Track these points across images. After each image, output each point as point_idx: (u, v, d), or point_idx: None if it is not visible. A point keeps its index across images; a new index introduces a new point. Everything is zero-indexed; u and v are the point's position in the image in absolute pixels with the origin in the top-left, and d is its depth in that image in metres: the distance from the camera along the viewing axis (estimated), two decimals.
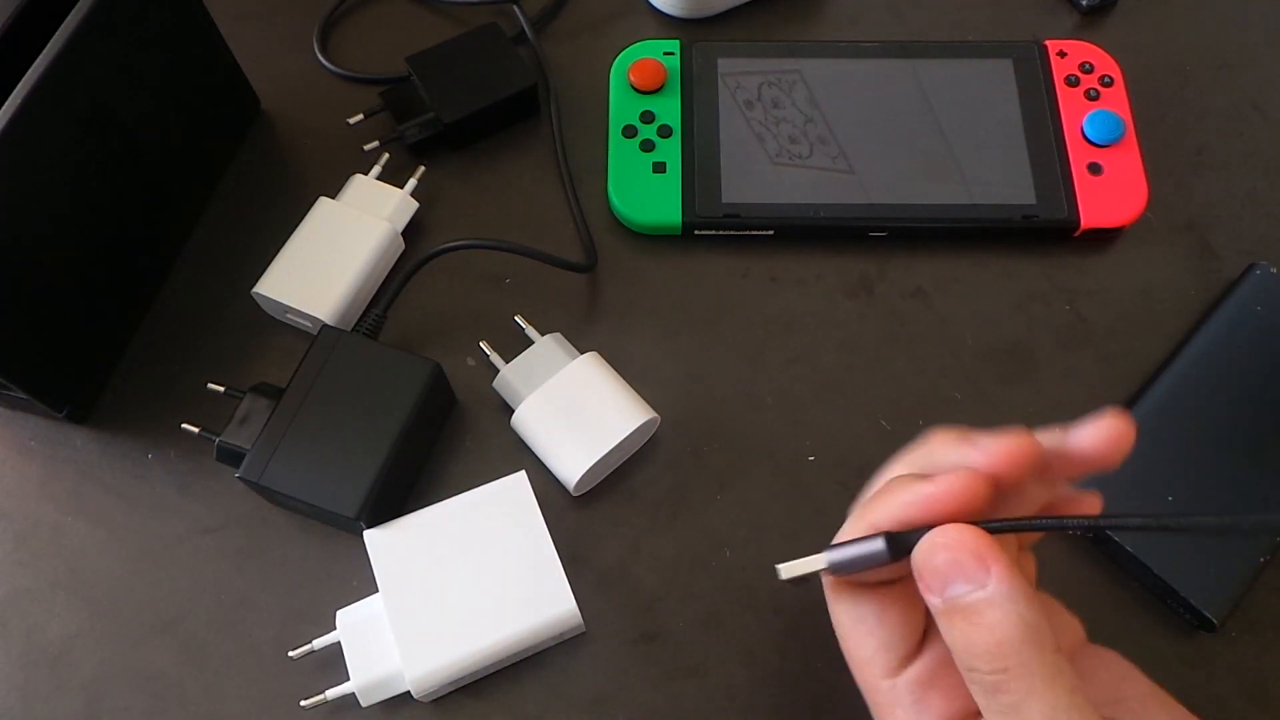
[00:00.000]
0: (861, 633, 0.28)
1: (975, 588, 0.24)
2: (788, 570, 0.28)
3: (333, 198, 0.43)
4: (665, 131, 0.45)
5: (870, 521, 0.27)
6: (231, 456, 0.38)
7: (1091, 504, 0.29)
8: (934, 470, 0.27)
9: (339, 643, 0.35)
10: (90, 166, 0.38)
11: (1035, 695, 0.23)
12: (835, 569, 0.27)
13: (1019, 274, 0.44)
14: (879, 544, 0.26)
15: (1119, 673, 0.29)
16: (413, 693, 0.35)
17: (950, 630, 0.25)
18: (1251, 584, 0.36)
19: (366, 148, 0.45)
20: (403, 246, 0.43)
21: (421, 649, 0.34)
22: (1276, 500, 0.37)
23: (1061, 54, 0.46)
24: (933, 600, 0.25)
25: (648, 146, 0.45)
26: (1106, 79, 0.46)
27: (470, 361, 0.42)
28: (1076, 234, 0.44)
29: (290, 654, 0.36)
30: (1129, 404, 0.40)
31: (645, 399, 0.39)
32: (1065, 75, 0.46)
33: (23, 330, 0.37)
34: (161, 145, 0.42)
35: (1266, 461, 0.38)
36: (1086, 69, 0.46)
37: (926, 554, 0.25)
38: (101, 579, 0.38)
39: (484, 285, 0.44)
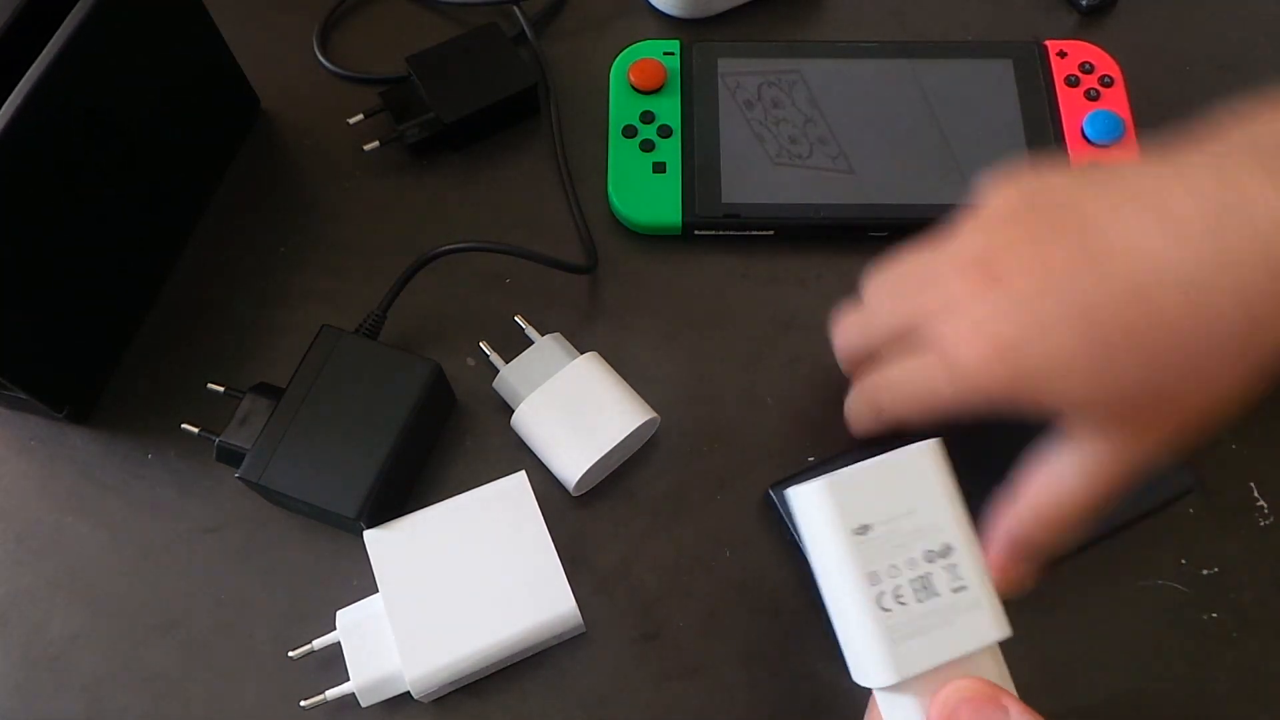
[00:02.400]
0: None
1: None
2: None
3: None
4: (665, 131, 0.45)
5: None
6: (231, 456, 0.38)
7: None
8: None
9: (339, 643, 0.35)
10: (90, 167, 0.38)
11: None
12: None
13: None
14: None
15: None
16: (413, 693, 0.35)
17: None
18: None
19: (366, 148, 0.45)
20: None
21: (421, 649, 0.34)
22: None
23: (1061, 54, 0.46)
24: None
25: (648, 146, 0.45)
26: (1106, 79, 0.46)
27: (470, 361, 0.42)
28: None
29: (290, 654, 0.36)
30: None
31: (645, 399, 0.39)
32: (1065, 75, 0.46)
33: (23, 330, 0.37)
34: (161, 145, 0.42)
35: None
36: (1086, 69, 0.46)
37: (948, 700, 0.27)
38: (101, 579, 0.38)
39: (484, 285, 0.44)
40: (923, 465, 0.28)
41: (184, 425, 0.39)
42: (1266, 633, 0.37)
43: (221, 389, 0.39)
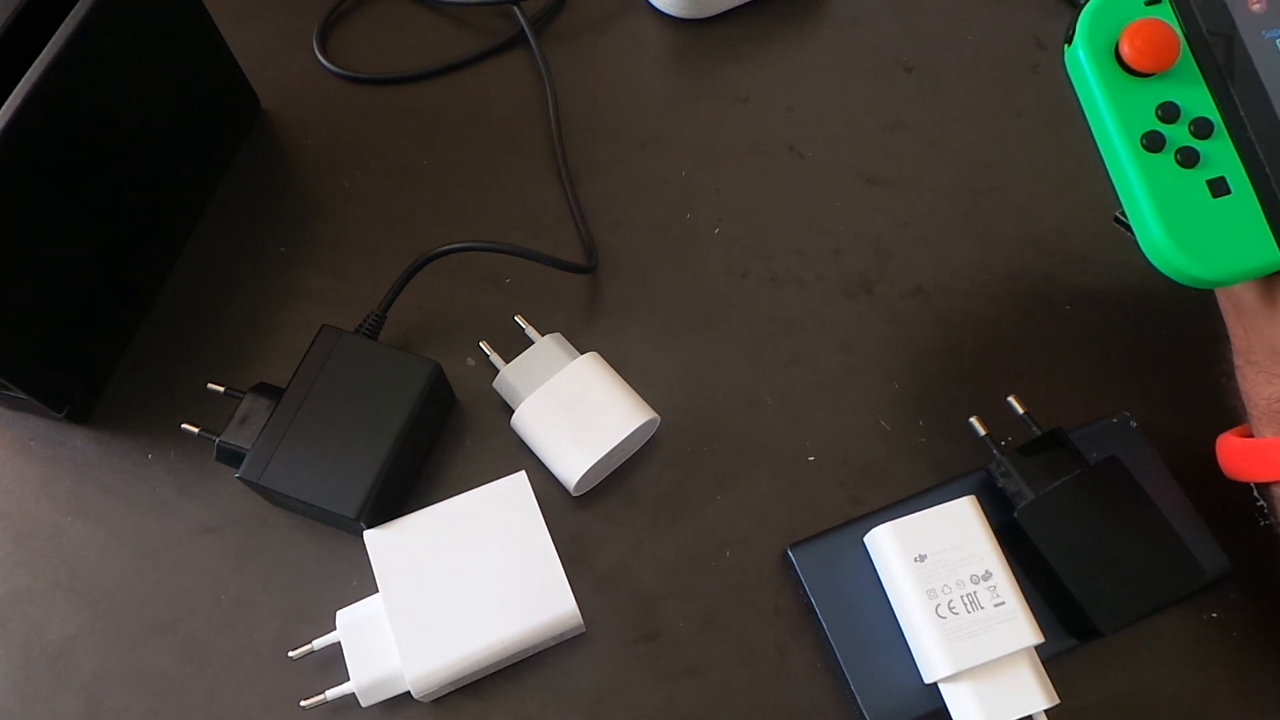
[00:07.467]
0: None
1: None
2: None
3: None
4: (1204, 129, 0.32)
5: None
6: (231, 456, 0.38)
7: None
8: None
9: (339, 643, 0.35)
10: (90, 167, 0.38)
11: None
12: None
13: (1019, 274, 0.44)
14: None
15: None
16: (413, 693, 0.35)
17: None
18: None
19: None
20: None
21: (421, 649, 0.34)
22: None
23: None
24: None
25: (1190, 158, 0.32)
26: None
27: (470, 361, 0.42)
28: None
29: (290, 654, 0.36)
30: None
31: (645, 399, 0.39)
32: None
33: (23, 330, 0.37)
34: (161, 145, 0.42)
35: None
36: None
37: None
38: (101, 579, 0.38)
39: (484, 285, 0.44)
40: (964, 514, 0.35)
41: (184, 425, 0.39)
42: (1266, 633, 0.37)
43: (221, 389, 0.39)
